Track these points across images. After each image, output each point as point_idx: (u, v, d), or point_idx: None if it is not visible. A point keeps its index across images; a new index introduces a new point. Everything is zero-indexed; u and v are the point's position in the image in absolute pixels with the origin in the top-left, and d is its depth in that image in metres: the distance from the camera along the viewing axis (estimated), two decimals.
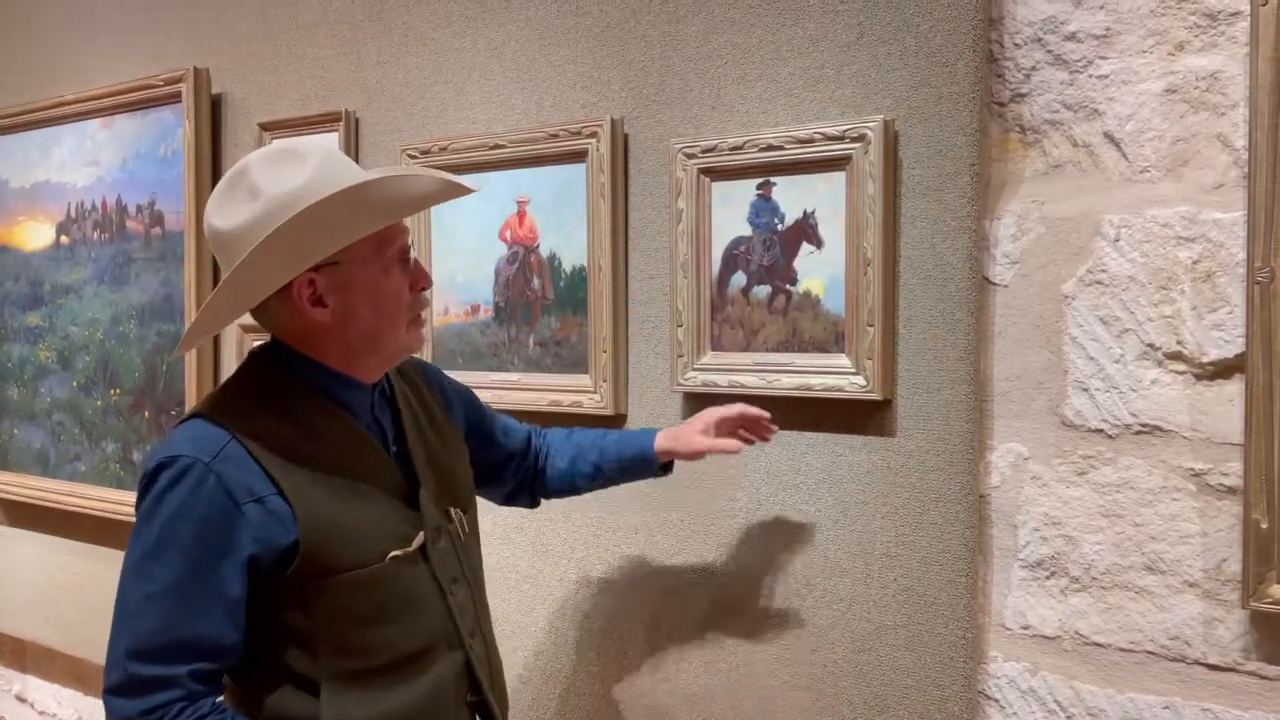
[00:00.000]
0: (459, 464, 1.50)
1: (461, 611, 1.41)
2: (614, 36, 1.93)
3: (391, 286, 1.32)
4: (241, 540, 1.23)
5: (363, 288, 1.30)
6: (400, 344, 1.37)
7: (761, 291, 1.76)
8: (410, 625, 1.35)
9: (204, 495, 1.23)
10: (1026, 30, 1.59)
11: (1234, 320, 1.42)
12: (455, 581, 1.41)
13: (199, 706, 1.23)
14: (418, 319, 1.38)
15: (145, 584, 1.23)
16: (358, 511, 1.31)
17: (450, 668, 1.39)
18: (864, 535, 1.68)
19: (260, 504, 1.25)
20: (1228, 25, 1.44)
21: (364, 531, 1.31)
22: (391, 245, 1.32)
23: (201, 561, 1.23)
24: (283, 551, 1.25)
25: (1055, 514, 1.57)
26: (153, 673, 1.22)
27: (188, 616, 1.22)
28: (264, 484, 1.25)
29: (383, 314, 1.32)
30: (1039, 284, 1.58)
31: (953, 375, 1.60)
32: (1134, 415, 1.50)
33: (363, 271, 1.30)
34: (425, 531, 1.37)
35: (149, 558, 1.24)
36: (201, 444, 1.25)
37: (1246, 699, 1.43)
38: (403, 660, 1.34)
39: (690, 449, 1.63)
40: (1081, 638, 1.55)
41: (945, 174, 1.60)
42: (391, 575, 1.32)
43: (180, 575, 1.22)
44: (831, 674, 1.72)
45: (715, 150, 1.77)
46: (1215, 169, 1.45)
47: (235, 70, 2.54)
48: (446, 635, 1.39)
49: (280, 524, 1.25)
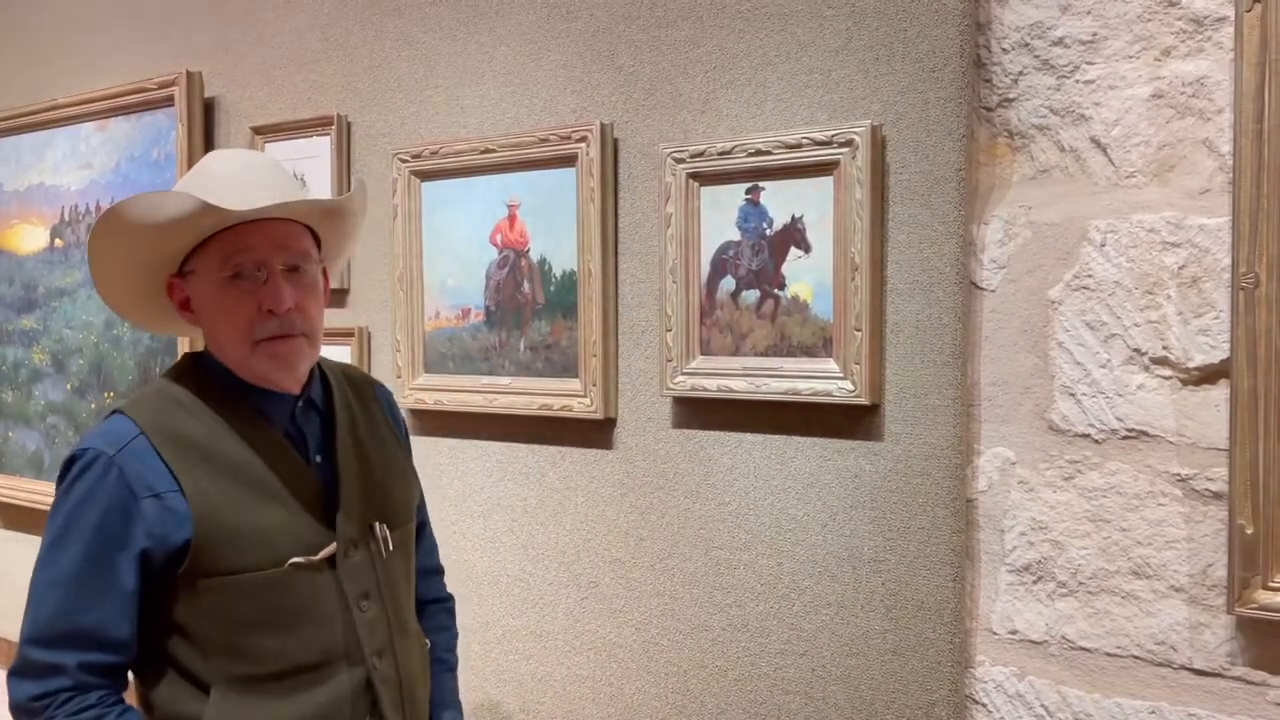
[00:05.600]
0: (396, 482, 1.47)
1: (369, 628, 1.36)
2: (603, 41, 1.94)
3: (227, 303, 1.30)
4: (136, 533, 1.25)
5: (206, 300, 1.31)
6: (247, 366, 1.32)
7: (750, 296, 1.76)
8: (306, 636, 1.32)
9: (106, 486, 1.25)
10: (1014, 35, 1.59)
11: (1220, 325, 1.42)
12: (366, 597, 1.37)
13: (85, 698, 1.25)
14: (269, 343, 1.31)
15: (48, 570, 1.27)
16: (260, 516, 1.30)
17: (348, 685, 1.34)
18: (852, 540, 1.68)
19: (158, 499, 1.26)
20: (1214, 31, 1.44)
21: (264, 535, 1.29)
22: (231, 260, 1.29)
23: (99, 551, 1.25)
24: (175, 548, 1.26)
25: (1042, 519, 1.57)
26: (46, 659, 1.24)
27: (83, 605, 1.25)
28: (165, 480, 1.26)
29: (225, 330, 1.31)
30: (1026, 289, 1.58)
31: (940, 380, 1.60)
32: (1120, 420, 1.50)
33: (205, 284, 1.31)
34: (338, 543, 1.34)
35: (54, 545, 1.27)
36: (111, 438, 1.28)
37: (1232, 704, 1.43)
38: (295, 670, 1.31)
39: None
40: (1068, 642, 1.55)
41: (933, 179, 1.60)
42: (288, 582, 1.30)
43: (79, 564, 1.25)
44: (819, 678, 1.72)
45: (704, 155, 1.78)
46: (1201, 174, 1.45)
47: (228, 74, 2.54)
48: (348, 651, 1.34)
49: (175, 520, 1.26)
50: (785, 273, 1.73)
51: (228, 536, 1.27)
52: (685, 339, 1.82)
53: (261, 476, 1.31)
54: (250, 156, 1.39)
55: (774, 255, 1.74)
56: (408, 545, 1.46)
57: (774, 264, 1.74)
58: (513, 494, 2.07)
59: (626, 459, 1.93)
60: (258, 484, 1.31)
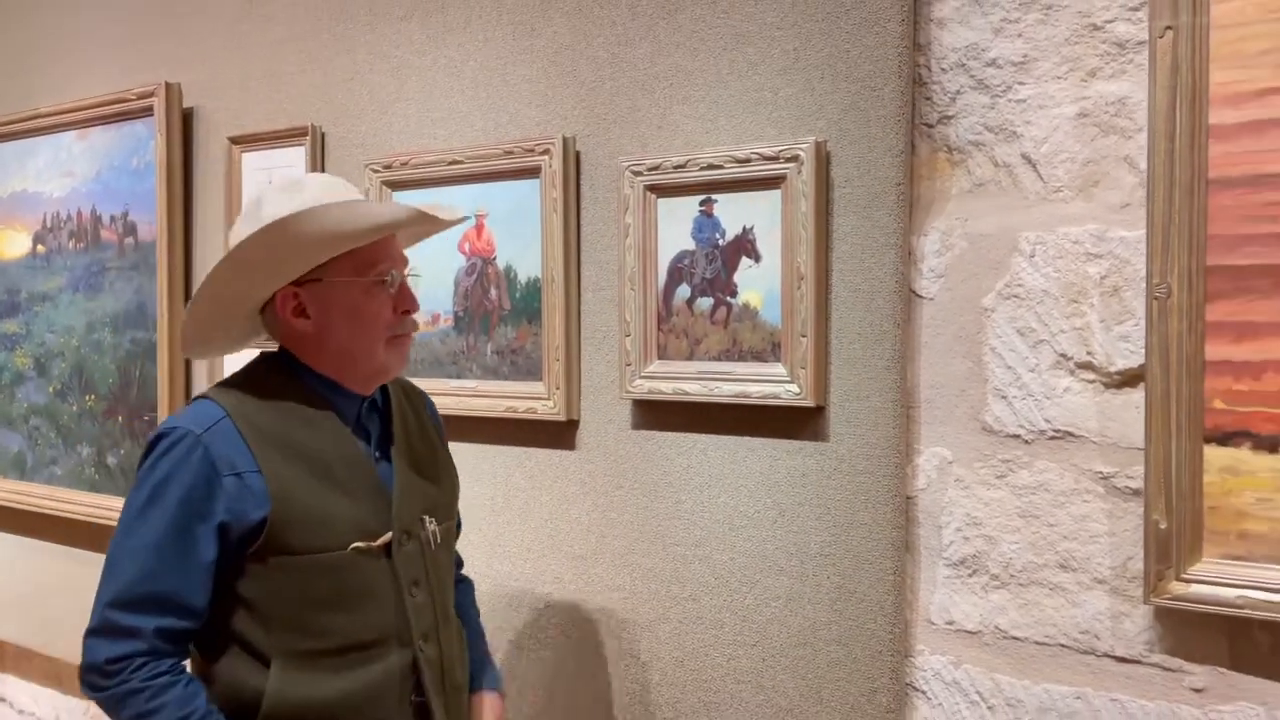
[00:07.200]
0: (445, 481, 1.62)
1: (418, 613, 1.49)
2: (567, 58, 2.01)
3: (371, 307, 1.45)
4: (217, 508, 1.37)
5: (341, 305, 1.44)
6: (379, 361, 1.48)
7: (704, 303, 1.85)
8: (364, 616, 1.44)
9: (192, 463, 1.37)
10: (951, 56, 1.68)
11: (1139, 332, 1.51)
12: (416, 584, 1.50)
13: (159, 664, 1.35)
14: (398, 339, 1.49)
15: (132, 539, 1.37)
16: (329, 501, 1.42)
17: (397, 665, 1.47)
18: (800, 535, 1.77)
19: (239, 478, 1.38)
20: (1135, 54, 1.53)
21: (331, 520, 1.42)
22: (373, 268, 1.44)
23: (182, 522, 1.36)
24: (251, 525, 1.38)
25: (976, 515, 1.65)
26: (126, 622, 1.34)
27: (164, 571, 1.35)
28: (246, 460, 1.39)
29: (360, 331, 1.46)
30: (962, 297, 1.66)
31: (881, 383, 1.69)
32: (1048, 421, 1.59)
33: (343, 290, 1.44)
34: (394, 532, 1.47)
35: (138, 515, 1.38)
36: (199, 418, 1.40)
37: (1151, 689, 1.52)
38: (351, 648, 1.43)
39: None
40: (1001, 632, 1.64)
41: (873, 193, 1.68)
42: (351, 565, 1.43)
43: (163, 533, 1.36)
44: (770, 667, 1.80)
45: (660, 168, 1.86)
46: (1122, 189, 1.54)
47: (206, 85, 2.61)
48: (399, 632, 1.47)
49: (253, 498, 1.38)
50: (737, 281, 1.81)
51: (299, 518, 1.40)
52: (643, 344, 1.90)
53: (331, 465, 1.45)
54: (328, 177, 1.54)
55: (726, 264, 1.82)
56: (450, 539, 1.62)
57: (726, 272, 1.82)
58: (480, 494, 2.15)
59: (588, 459, 2.01)
60: (327, 472, 1.44)
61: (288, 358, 1.50)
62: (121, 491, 2.72)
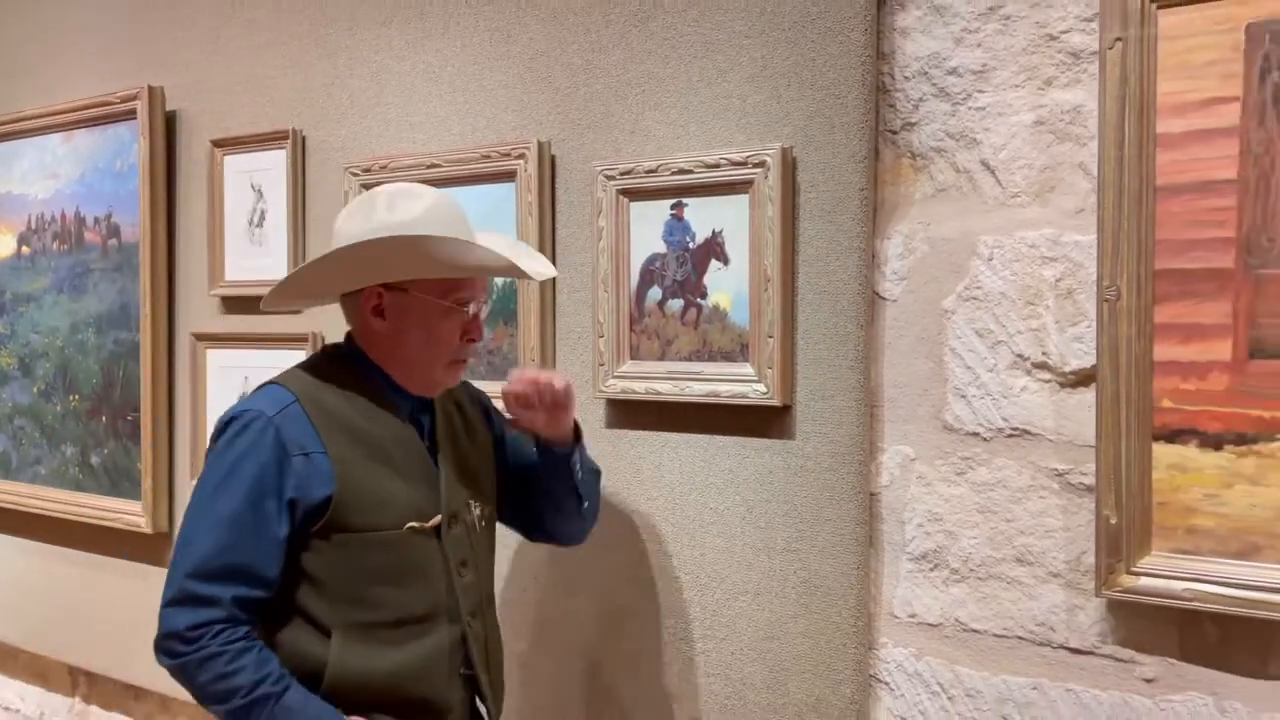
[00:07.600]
0: (485, 468, 1.72)
1: (465, 591, 1.60)
2: (542, 64, 2.06)
3: (445, 327, 1.57)
4: (287, 485, 1.47)
5: (419, 317, 1.55)
6: (436, 377, 1.60)
7: (675, 305, 1.89)
8: (417, 591, 1.55)
9: (265, 443, 1.48)
10: (914, 64, 1.73)
11: (1092, 333, 1.56)
12: (464, 564, 1.61)
13: (236, 630, 1.44)
14: (458, 363, 1.61)
15: (208, 514, 1.48)
16: (387, 483, 1.54)
17: (448, 639, 1.58)
18: (767, 531, 1.81)
19: (307, 458, 1.49)
20: (1089, 64, 1.57)
21: (389, 501, 1.53)
22: (455, 294, 1.56)
23: (256, 498, 1.46)
24: (317, 503, 1.49)
25: (937, 510, 1.70)
26: (205, 591, 1.44)
27: (240, 543, 1.45)
28: (314, 442, 1.50)
29: (428, 347, 1.57)
30: (924, 299, 1.71)
31: (845, 383, 1.73)
32: (1005, 420, 1.64)
33: (424, 306, 1.55)
34: (443, 514, 1.58)
35: (215, 492, 1.48)
36: (271, 402, 1.52)
37: (1104, 679, 1.57)
38: (406, 621, 1.53)
39: (533, 429, 1.68)
40: (961, 624, 1.69)
41: (838, 198, 1.73)
42: (406, 543, 1.54)
43: (239, 508, 1.46)
44: (738, 660, 1.84)
45: (633, 173, 1.90)
46: (1077, 195, 1.58)
47: (189, 89, 2.64)
48: (449, 609, 1.58)
49: (320, 478, 1.49)
50: (706, 283, 1.85)
51: (361, 497, 1.51)
52: (616, 344, 1.94)
53: (390, 451, 1.56)
54: (444, 198, 1.61)
55: (696, 267, 1.86)
56: (492, 524, 1.73)
57: (696, 275, 1.86)
58: None
59: None
60: (386, 457, 1.55)
61: (352, 350, 1.61)
62: (105, 491, 2.75)
